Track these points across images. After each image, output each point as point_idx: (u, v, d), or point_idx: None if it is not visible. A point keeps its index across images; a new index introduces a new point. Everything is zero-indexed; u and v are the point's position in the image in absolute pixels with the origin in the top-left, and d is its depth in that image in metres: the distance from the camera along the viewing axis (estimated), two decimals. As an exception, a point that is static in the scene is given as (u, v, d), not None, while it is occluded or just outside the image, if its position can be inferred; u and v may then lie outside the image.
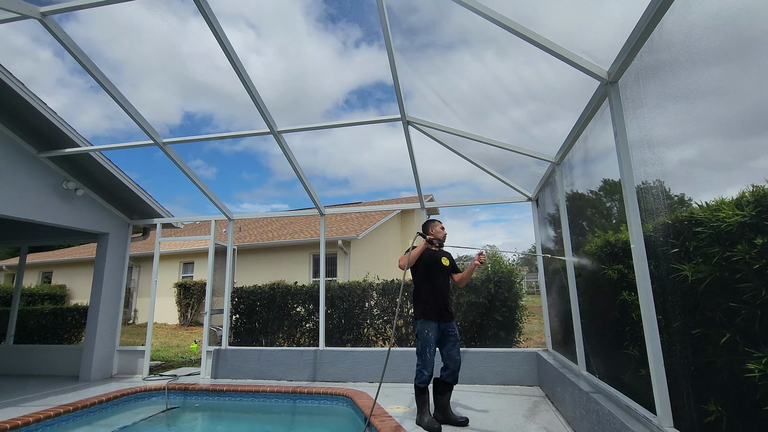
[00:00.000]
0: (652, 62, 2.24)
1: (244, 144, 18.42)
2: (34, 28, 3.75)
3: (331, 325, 6.56)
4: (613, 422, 2.55)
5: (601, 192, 3.48)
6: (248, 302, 6.98)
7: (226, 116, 13.77)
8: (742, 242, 1.87)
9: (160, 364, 7.62)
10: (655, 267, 2.38)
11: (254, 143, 22.50)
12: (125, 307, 13.75)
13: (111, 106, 5.29)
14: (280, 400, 5.26)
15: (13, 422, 4.01)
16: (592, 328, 3.62)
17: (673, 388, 2.22)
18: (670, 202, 2.46)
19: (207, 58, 4.57)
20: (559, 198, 4.29)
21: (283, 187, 35.44)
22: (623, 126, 2.53)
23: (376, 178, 26.02)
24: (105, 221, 6.68)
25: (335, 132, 4.86)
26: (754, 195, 1.92)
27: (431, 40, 3.89)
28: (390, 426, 3.73)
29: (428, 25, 3.83)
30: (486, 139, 4.61)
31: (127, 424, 4.65)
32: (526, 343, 6.17)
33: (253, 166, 21.25)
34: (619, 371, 3.03)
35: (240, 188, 53.09)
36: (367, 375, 5.75)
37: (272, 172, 24.56)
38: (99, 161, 6.06)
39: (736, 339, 1.90)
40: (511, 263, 6.27)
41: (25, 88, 5.08)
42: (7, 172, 5.28)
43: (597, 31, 2.65)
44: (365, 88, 17.73)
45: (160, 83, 4.36)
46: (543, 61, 3.08)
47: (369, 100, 22.53)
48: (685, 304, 2.21)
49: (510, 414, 4.14)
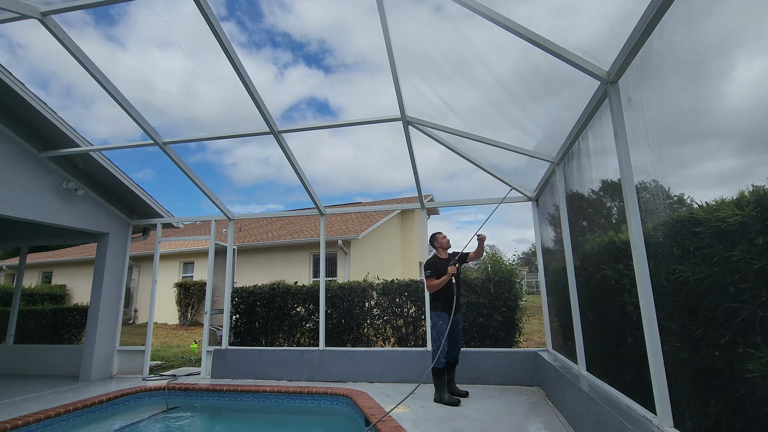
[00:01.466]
0: (652, 62, 2.24)
1: (197, 157, 19.91)
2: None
3: (331, 325, 6.55)
4: (613, 422, 2.55)
5: (601, 192, 3.48)
6: (248, 302, 6.98)
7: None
8: (742, 242, 1.87)
9: (160, 364, 7.62)
10: (655, 267, 2.38)
11: (208, 156, 24.93)
12: (125, 307, 13.75)
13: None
14: (280, 400, 5.26)
15: (13, 422, 4.01)
16: (592, 328, 3.62)
17: (673, 388, 2.22)
18: (670, 202, 2.46)
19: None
20: (559, 198, 4.29)
21: (243, 193, 37.23)
22: (623, 126, 2.53)
23: (329, 183, 27.67)
24: (105, 221, 6.68)
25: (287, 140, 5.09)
26: (754, 195, 1.92)
27: (431, 40, 3.89)
28: (390, 426, 3.73)
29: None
30: (486, 139, 4.61)
31: (127, 424, 4.65)
32: (526, 343, 6.17)
33: (212, 176, 22.86)
34: (619, 371, 3.03)
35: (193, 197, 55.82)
36: (367, 375, 5.74)
37: (230, 180, 25.83)
38: (99, 161, 6.07)
39: (736, 339, 1.90)
40: (511, 263, 6.26)
41: (25, 88, 5.08)
42: (7, 172, 5.29)
43: (597, 31, 2.65)
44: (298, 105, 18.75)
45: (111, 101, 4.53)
46: (543, 61, 3.08)
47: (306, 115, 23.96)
48: (686, 304, 2.21)
49: (510, 414, 4.14)
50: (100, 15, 4.76)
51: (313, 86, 26.68)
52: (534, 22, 2.75)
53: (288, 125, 5.06)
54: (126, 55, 6.58)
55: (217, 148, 29.63)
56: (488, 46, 3.44)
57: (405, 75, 4.13)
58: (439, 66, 4.07)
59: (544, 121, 4.00)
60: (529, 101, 3.85)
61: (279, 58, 16.21)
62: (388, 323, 6.49)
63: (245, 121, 5.06)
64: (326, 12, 5.07)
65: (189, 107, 10.91)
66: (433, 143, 5.21)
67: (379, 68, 4.25)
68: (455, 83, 4.21)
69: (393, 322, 6.45)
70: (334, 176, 29.99)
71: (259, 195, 38.19)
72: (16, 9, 3.55)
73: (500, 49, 3.38)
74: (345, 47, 15.55)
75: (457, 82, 4.19)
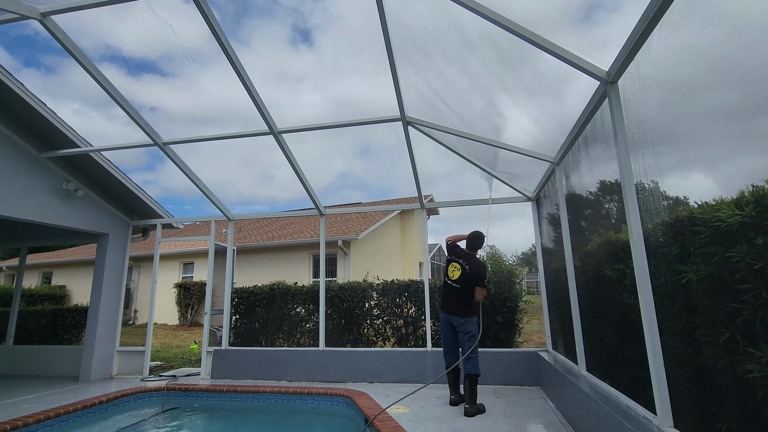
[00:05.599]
0: (652, 62, 2.24)
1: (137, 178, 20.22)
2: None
3: (331, 326, 6.55)
4: (613, 422, 2.55)
5: (600, 192, 3.48)
6: (248, 302, 6.98)
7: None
8: (742, 242, 1.87)
9: (160, 364, 7.62)
10: (655, 267, 2.38)
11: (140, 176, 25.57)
12: (125, 308, 13.75)
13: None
14: (280, 400, 5.26)
15: (13, 422, 4.01)
16: (592, 328, 3.61)
17: (673, 388, 2.22)
18: (670, 202, 2.46)
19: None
20: (559, 198, 4.29)
21: (192, 203, 38.15)
22: (623, 126, 2.53)
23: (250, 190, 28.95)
24: (105, 221, 6.68)
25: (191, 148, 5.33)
26: (754, 195, 1.92)
27: (430, 40, 3.89)
28: (390, 426, 3.73)
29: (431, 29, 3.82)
30: (486, 139, 4.61)
31: (127, 424, 4.65)
32: (527, 343, 6.17)
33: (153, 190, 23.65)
34: (619, 371, 3.03)
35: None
36: (366, 375, 5.74)
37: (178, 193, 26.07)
38: (99, 162, 6.06)
39: (736, 339, 1.90)
40: (511, 263, 6.26)
41: (25, 88, 5.08)
42: (7, 173, 5.28)
43: (597, 31, 2.65)
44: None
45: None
46: (542, 61, 3.08)
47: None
48: (686, 304, 2.21)
49: (510, 414, 4.14)
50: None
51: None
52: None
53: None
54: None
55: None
56: (481, 39, 3.43)
57: (403, 71, 4.11)
58: (440, 67, 4.07)
59: (545, 121, 4.00)
60: (529, 101, 3.86)
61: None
62: (388, 323, 6.49)
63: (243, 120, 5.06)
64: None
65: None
66: (433, 144, 5.21)
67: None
68: (454, 84, 4.21)
69: (393, 322, 6.45)
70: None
71: (205, 206, 38.32)
72: (16, 9, 3.55)
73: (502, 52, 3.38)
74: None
75: (458, 82, 4.19)
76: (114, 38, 5.77)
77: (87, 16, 3.90)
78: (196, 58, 5.10)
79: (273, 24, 5.41)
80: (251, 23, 5.76)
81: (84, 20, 4.06)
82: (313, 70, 8.65)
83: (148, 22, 3.94)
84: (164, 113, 15.92)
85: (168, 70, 17.12)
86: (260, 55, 6.88)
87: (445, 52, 3.85)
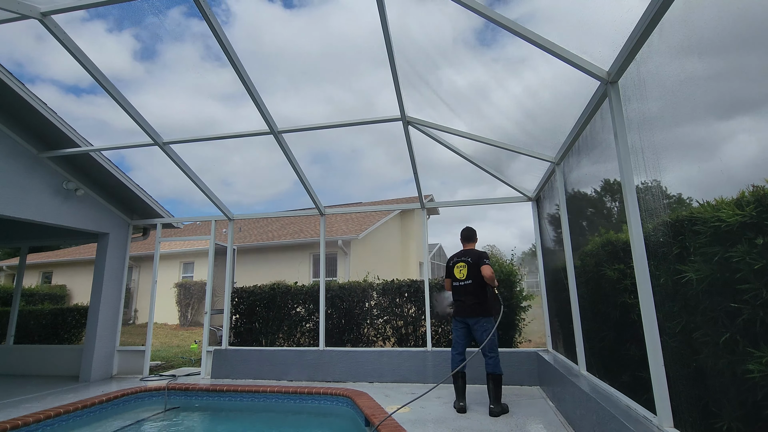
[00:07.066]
0: (652, 62, 2.24)
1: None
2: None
3: (331, 325, 6.55)
4: (613, 422, 2.55)
5: (600, 191, 3.48)
6: (248, 302, 6.98)
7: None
8: (743, 242, 1.87)
9: (160, 364, 7.62)
10: (655, 267, 2.37)
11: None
12: (125, 307, 13.75)
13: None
14: (280, 400, 5.26)
15: (13, 422, 4.01)
16: (592, 328, 3.61)
17: (673, 388, 2.21)
18: (669, 202, 2.46)
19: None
20: (559, 198, 4.29)
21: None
22: (623, 126, 2.53)
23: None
24: (105, 221, 6.68)
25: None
26: (754, 195, 1.91)
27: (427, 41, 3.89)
28: (390, 426, 3.73)
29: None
30: (486, 139, 4.61)
31: (127, 424, 4.65)
32: (526, 343, 6.17)
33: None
34: (619, 371, 3.03)
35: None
36: (367, 375, 5.74)
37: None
38: (99, 161, 6.07)
39: (736, 339, 1.90)
40: (511, 264, 6.26)
41: (25, 88, 5.08)
42: (7, 172, 5.29)
43: (597, 31, 2.65)
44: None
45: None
46: (542, 61, 3.08)
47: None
48: (686, 304, 2.21)
49: (510, 414, 4.14)
50: (100, 14, 4.74)
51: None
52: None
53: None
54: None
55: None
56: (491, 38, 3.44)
57: (406, 76, 4.12)
58: (439, 67, 4.07)
59: (545, 121, 4.00)
60: (529, 100, 3.85)
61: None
62: (388, 323, 6.49)
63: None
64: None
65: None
66: (433, 143, 5.21)
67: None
68: (456, 84, 4.21)
69: (393, 322, 6.45)
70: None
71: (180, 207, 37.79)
72: (16, 9, 3.55)
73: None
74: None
75: (458, 83, 4.19)
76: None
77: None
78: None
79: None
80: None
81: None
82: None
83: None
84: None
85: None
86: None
87: (446, 54, 3.86)
